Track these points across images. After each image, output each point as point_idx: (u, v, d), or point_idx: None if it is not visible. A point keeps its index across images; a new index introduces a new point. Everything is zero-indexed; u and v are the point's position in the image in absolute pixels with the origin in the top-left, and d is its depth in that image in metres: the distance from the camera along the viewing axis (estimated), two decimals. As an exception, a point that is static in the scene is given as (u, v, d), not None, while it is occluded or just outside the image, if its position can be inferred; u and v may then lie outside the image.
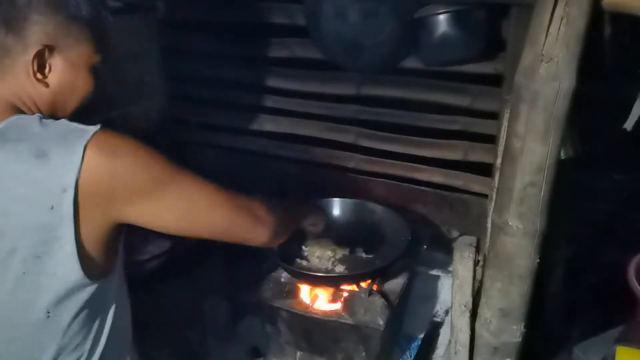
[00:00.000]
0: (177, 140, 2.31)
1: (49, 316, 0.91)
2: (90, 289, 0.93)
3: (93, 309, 0.96)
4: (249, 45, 2.10)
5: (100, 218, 0.90)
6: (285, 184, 2.14)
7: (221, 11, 2.05)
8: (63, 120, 0.92)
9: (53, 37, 0.93)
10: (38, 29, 0.91)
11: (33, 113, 0.95)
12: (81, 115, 1.02)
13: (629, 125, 1.13)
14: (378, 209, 1.83)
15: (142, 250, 1.66)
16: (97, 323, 0.99)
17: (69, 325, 0.94)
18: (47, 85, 0.95)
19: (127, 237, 1.03)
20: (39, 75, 0.94)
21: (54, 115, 0.98)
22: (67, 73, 0.97)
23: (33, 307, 0.90)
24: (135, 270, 1.60)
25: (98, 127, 0.89)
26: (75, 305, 0.93)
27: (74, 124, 0.90)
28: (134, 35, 2.08)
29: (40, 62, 0.93)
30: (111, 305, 1.01)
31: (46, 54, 0.93)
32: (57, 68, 0.95)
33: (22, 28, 0.90)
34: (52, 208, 0.85)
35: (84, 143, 0.86)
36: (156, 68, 2.22)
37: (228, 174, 1.70)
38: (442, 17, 1.58)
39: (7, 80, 0.93)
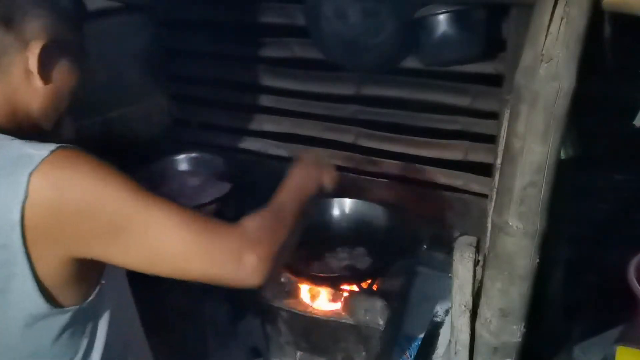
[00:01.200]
0: (178, 140, 2.31)
1: (25, 340, 0.87)
2: (67, 315, 0.87)
3: (77, 328, 0.91)
4: (249, 46, 2.09)
5: (56, 254, 0.81)
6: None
7: (221, 11, 2.05)
8: (16, 141, 0.81)
9: (52, 33, 0.88)
10: (38, 25, 0.87)
11: (22, 115, 0.90)
12: (81, 115, 1.01)
13: (638, 122, 1.12)
14: (378, 209, 1.83)
15: (203, 193, 1.61)
16: (85, 340, 0.93)
17: (51, 346, 0.89)
18: (48, 82, 0.90)
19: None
20: (39, 73, 0.88)
21: (43, 118, 0.92)
22: (65, 69, 0.92)
23: (7, 332, 0.87)
24: None
25: (51, 149, 0.78)
26: (52, 330, 0.88)
27: (26, 147, 0.79)
28: (132, 35, 2.08)
29: (40, 59, 0.88)
30: (101, 318, 0.95)
31: (47, 51, 0.88)
32: (56, 64, 0.91)
33: (21, 24, 0.86)
34: (4, 245, 0.78)
35: (28, 173, 0.76)
36: (155, 68, 2.22)
37: (228, 174, 1.71)
38: (442, 17, 1.58)
39: (4, 81, 0.88)
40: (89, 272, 0.88)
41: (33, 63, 0.87)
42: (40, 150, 0.78)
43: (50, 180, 0.77)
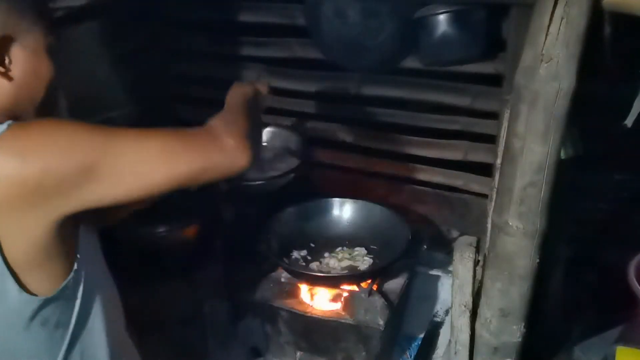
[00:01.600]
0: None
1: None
2: (37, 304, 0.86)
3: (50, 323, 0.90)
4: (249, 46, 2.10)
5: (27, 224, 0.81)
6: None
7: (221, 11, 2.05)
8: None
9: (7, 25, 0.85)
10: None
11: None
12: (81, 115, 1.00)
13: (629, 121, 1.12)
14: (378, 209, 1.83)
15: (274, 166, 1.61)
16: (63, 343, 0.92)
17: (22, 339, 0.88)
18: (10, 78, 0.87)
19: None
20: (0, 69, 0.86)
21: (18, 110, 0.90)
22: (29, 61, 0.89)
23: None
24: (267, 186, 1.54)
25: (4, 127, 0.80)
26: (22, 319, 0.87)
27: None
28: (131, 34, 2.08)
29: (2, 54, 0.85)
30: (79, 319, 0.94)
31: (4, 45, 0.85)
32: (19, 58, 0.87)
33: None
34: None
35: None
36: (155, 68, 2.23)
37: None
38: (442, 17, 1.58)
39: None
40: (58, 254, 0.87)
41: None
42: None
43: (8, 153, 0.78)
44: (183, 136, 0.94)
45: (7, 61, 0.86)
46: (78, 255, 0.91)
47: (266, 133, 1.79)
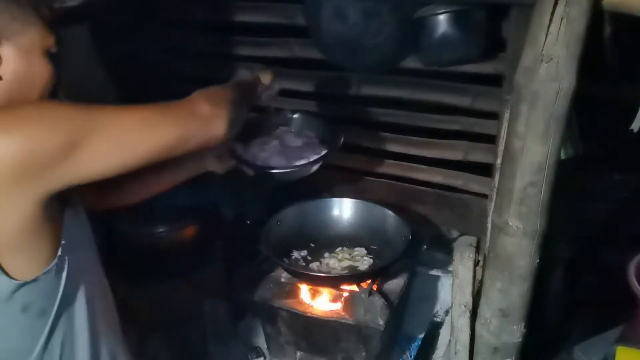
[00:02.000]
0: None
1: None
2: (18, 289, 0.87)
3: (33, 310, 0.90)
4: (249, 46, 2.09)
5: (12, 204, 0.82)
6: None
7: (221, 11, 2.05)
8: None
9: None
10: None
11: None
12: None
13: (635, 126, 1.12)
14: (378, 209, 1.83)
15: (301, 154, 1.60)
16: (44, 331, 0.92)
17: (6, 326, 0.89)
18: (0, 78, 0.88)
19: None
20: None
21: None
22: (20, 62, 0.89)
23: None
24: (292, 174, 1.55)
25: None
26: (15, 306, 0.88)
27: None
28: (131, 34, 2.08)
29: None
30: (64, 312, 0.94)
31: None
32: (9, 58, 0.88)
33: None
34: None
35: None
36: (156, 68, 2.22)
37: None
38: (442, 17, 1.58)
39: None
40: (42, 238, 0.88)
41: None
42: None
43: None
44: (161, 108, 0.97)
45: None
46: (63, 242, 0.91)
47: (294, 120, 1.76)
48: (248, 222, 1.76)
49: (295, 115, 1.70)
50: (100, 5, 1.72)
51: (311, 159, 1.54)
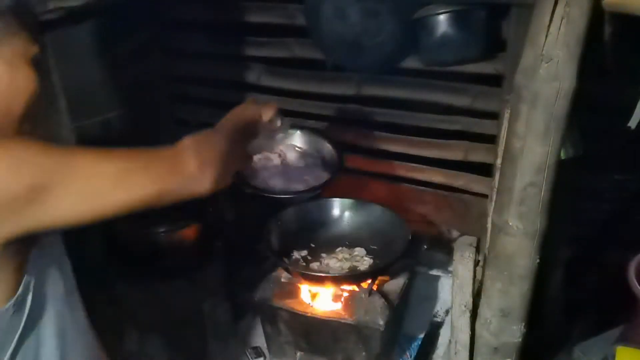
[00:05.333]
0: (178, 140, 2.31)
1: None
2: None
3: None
4: (248, 46, 2.10)
5: None
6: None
7: (221, 11, 2.05)
8: None
9: None
10: None
11: None
12: (80, 115, 0.99)
13: (633, 123, 1.13)
14: (378, 209, 1.83)
15: (302, 177, 1.58)
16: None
17: None
18: None
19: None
20: None
21: None
22: (4, 74, 0.84)
23: None
24: (292, 199, 1.53)
25: None
26: None
27: None
28: (131, 34, 2.08)
29: None
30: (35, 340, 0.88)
31: None
32: None
33: None
34: None
35: None
36: (155, 68, 2.22)
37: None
38: (442, 17, 1.58)
39: None
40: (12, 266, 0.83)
41: None
42: None
43: None
44: (144, 158, 0.90)
45: None
46: (26, 277, 0.84)
47: (299, 137, 1.71)
48: (248, 222, 1.76)
49: (300, 131, 1.67)
50: (101, 5, 1.72)
51: (309, 187, 1.53)
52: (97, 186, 0.82)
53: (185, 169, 0.92)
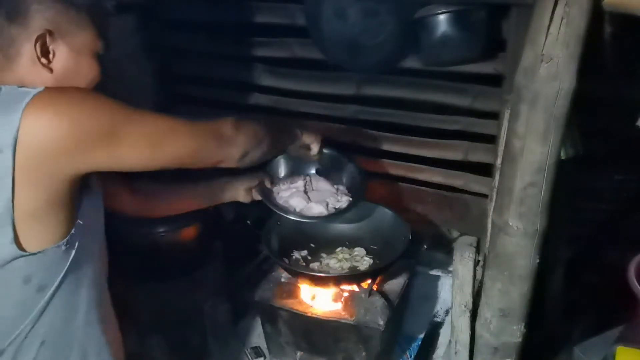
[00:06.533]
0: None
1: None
2: (29, 261, 0.91)
3: (37, 284, 0.94)
4: (249, 46, 2.09)
5: (48, 177, 0.89)
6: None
7: (221, 11, 2.05)
8: (13, 86, 0.92)
9: (54, 23, 0.96)
10: (39, 16, 0.95)
11: None
12: None
13: None
14: (378, 209, 1.83)
15: (322, 198, 1.64)
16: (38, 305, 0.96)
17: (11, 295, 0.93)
18: (51, 70, 0.97)
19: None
20: (43, 60, 0.96)
21: None
22: (70, 59, 0.99)
23: None
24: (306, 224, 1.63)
25: (42, 88, 0.90)
26: (13, 276, 0.92)
27: (22, 89, 0.91)
28: (131, 34, 2.08)
29: (44, 47, 0.96)
30: (59, 277, 0.97)
31: (48, 39, 0.96)
32: (61, 54, 0.98)
33: (24, 17, 0.94)
34: None
35: (24, 104, 0.86)
36: (156, 68, 2.23)
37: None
38: (442, 17, 1.58)
39: (14, 70, 0.96)
40: (60, 213, 0.94)
41: (36, 52, 0.95)
42: (35, 89, 0.90)
43: (47, 108, 0.88)
44: (189, 122, 1.08)
45: (51, 55, 0.97)
46: (79, 221, 0.97)
47: (324, 158, 1.72)
48: (248, 222, 1.75)
49: (326, 152, 1.67)
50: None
51: (329, 212, 1.58)
52: (153, 139, 1.00)
53: (223, 133, 1.13)
